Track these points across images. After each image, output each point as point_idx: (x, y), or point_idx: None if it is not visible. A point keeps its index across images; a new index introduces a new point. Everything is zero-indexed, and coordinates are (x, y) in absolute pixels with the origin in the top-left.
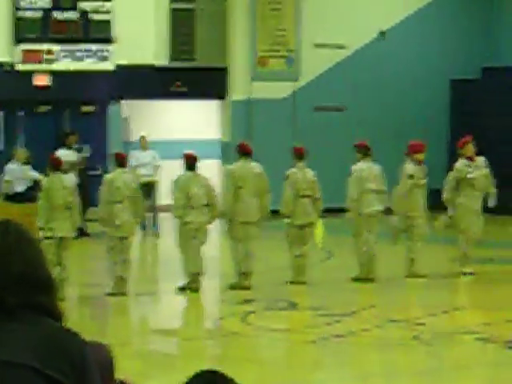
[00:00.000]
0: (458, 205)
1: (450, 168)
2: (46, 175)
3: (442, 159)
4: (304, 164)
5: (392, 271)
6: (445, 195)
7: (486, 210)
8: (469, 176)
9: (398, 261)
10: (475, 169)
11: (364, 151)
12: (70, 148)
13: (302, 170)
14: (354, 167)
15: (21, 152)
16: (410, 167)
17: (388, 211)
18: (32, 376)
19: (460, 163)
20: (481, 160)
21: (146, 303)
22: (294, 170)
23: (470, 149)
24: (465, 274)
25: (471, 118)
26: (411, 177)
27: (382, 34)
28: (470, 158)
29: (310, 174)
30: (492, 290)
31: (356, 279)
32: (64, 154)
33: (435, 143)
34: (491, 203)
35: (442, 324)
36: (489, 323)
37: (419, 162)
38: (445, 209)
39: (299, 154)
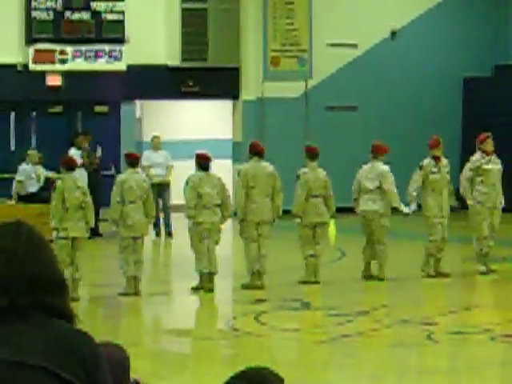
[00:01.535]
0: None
1: (462, 166)
2: (59, 174)
3: (455, 157)
4: (316, 164)
5: (404, 271)
6: (462, 188)
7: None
8: (484, 166)
9: (410, 260)
10: (490, 163)
11: (375, 155)
12: (79, 148)
13: (313, 170)
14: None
15: (33, 153)
16: (425, 161)
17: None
18: (44, 377)
19: (476, 156)
20: (496, 157)
21: (158, 303)
22: (305, 169)
23: (490, 144)
24: (482, 273)
25: (483, 116)
26: (421, 168)
27: (393, 33)
28: (487, 153)
29: (322, 173)
30: (505, 289)
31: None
32: (74, 155)
33: (447, 141)
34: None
35: (454, 323)
36: (502, 322)
37: (436, 159)
38: (461, 208)
39: (312, 154)
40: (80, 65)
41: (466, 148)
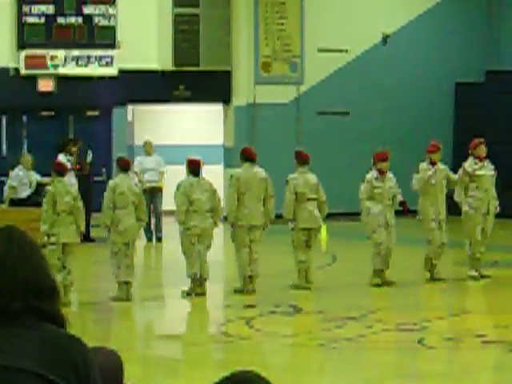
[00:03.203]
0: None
1: (455, 171)
2: (51, 180)
3: (447, 163)
4: (306, 169)
5: (397, 275)
6: (456, 195)
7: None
8: (477, 172)
9: (403, 265)
10: (483, 168)
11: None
12: (67, 153)
13: (302, 175)
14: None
15: (27, 158)
16: (423, 165)
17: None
18: (35, 382)
19: (469, 161)
20: (489, 162)
21: (150, 308)
22: (293, 175)
23: (482, 150)
24: (473, 278)
25: (476, 121)
26: (417, 172)
27: (385, 39)
28: (480, 159)
29: (311, 177)
30: (497, 294)
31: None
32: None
33: None
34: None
35: (447, 328)
36: (494, 327)
37: (433, 163)
38: (455, 213)
39: (302, 160)
40: (72, 69)
41: (458, 153)
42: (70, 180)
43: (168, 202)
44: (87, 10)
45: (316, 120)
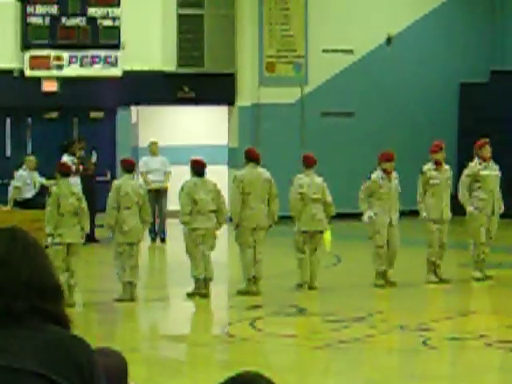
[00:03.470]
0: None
1: (459, 171)
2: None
3: (452, 163)
4: (312, 171)
5: (401, 276)
6: (460, 195)
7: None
8: (482, 173)
9: (407, 266)
10: (488, 169)
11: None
12: (72, 154)
13: (309, 176)
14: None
15: (31, 159)
16: (426, 166)
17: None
18: (37, 382)
19: (474, 162)
20: (493, 163)
21: (154, 309)
22: (300, 175)
23: (487, 151)
24: (478, 279)
25: (480, 121)
26: (422, 173)
27: (389, 39)
28: (485, 159)
29: (317, 178)
30: (501, 295)
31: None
32: (66, 161)
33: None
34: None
35: (450, 329)
36: (498, 328)
37: (437, 163)
38: (459, 214)
39: (308, 163)
40: (76, 70)
41: (462, 154)
42: (76, 181)
43: (173, 203)
44: (91, 10)
45: (320, 120)
